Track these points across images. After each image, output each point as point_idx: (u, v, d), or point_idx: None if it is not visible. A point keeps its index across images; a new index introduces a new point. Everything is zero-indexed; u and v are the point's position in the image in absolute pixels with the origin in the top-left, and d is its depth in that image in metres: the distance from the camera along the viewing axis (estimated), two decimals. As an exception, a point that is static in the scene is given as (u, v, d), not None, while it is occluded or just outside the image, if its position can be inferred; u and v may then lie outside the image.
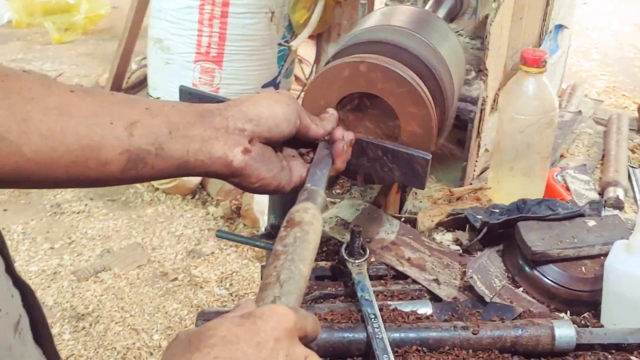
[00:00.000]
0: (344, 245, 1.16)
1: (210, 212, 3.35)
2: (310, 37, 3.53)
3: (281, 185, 0.97)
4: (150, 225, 3.29)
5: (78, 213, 3.35)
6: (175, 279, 2.97)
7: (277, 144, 0.97)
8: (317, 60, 3.75)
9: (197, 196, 3.47)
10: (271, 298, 0.76)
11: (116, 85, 4.04)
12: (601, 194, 1.48)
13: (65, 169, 0.80)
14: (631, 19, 6.06)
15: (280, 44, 3.46)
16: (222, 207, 3.31)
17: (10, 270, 0.63)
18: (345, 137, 1.01)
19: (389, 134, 1.07)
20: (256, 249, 3.15)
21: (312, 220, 0.87)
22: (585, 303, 1.17)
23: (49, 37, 5.20)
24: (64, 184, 0.84)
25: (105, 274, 2.96)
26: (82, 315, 2.75)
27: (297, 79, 4.08)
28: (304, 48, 3.81)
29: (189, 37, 3.36)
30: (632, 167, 1.59)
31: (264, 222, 3.16)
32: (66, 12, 5.25)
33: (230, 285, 2.95)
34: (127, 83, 4.18)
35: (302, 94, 3.68)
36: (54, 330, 2.68)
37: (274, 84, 3.58)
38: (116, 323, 2.73)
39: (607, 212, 1.41)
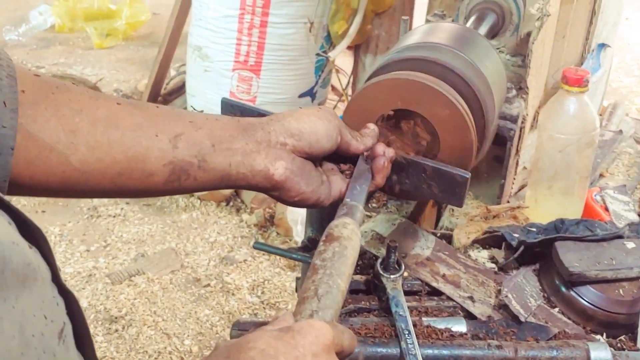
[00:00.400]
0: (380, 260, 1.16)
1: (244, 220, 3.37)
2: (348, 47, 3.54)
3: (320, 200, 0.98)
4: (185, 231, 3.32)
5: (114, 217, 3.40)
6: (208, 285, 2.99)
7: (317, 159, 0.98)
8: (355, 71, 3.76)
9: (231, 203, 3.50)
10: (309, 312, 0.77)
11: (155, 91, 4.09)
12: (641, 215, 1.47)
13: (111, 180, 0.83)
14: (674, 36, 5.97)
15: (318, 54, 3.47)
16: (255, 215, 3.33)
17: (56, 279, 0.65)
18: (386, 153, 1.01)
19: (428, 152, 1.07)
20: (288, 257, 3.16)
21: (350, 235, 0.88)
22: (622, 326, 1.16)
23: (91, 42, 5.29)
24: (109, 194, 0.86)
25: (139, 277, 3.00)
26: (116, 318, 2.79)
27: (334, 89, 4.09)
28: (342, 59, 3.82)
29: (228, 46, 3.39)
30: (673, 188, 1.57)
31: (297, 232, 3.17)
32: (108, 18, 5.34)
33: (262, 293, 2.96)
34: (166, 89, 4.23)
35: (339, 104, 3.70)
36: (88, 332, 2.72)
37: (310, 93, 3.59)
38: (148, 327, 2.76)
39: (646, 234, 1.39)
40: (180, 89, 4.15)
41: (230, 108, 1.11)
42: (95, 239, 3.26)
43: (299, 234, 3.15)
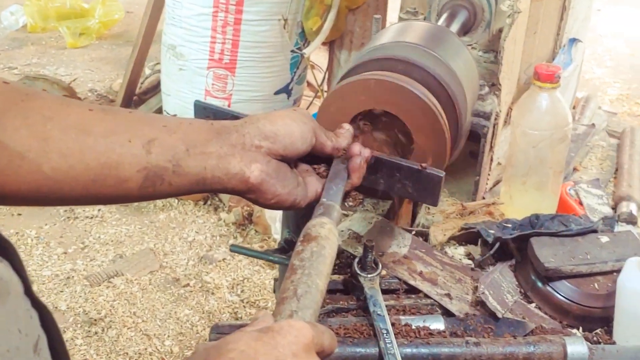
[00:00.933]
0: (357, 260, 1.16)
1: (222, 218, 3.36)
2: (323, 43, 3.54)
3: (297, 201, 0.98)
4: (163, 231, 3.30)
5: (91, 218, 3.37)
6: (187, 284, 2.98)
7: (292, 161, 0.98)
8: (330, 66, 3.76)
9: (209, 202, 3.48)
10: (288, 312, 0.77)
11: (130, 90, 4.06)
12: (614, 208, 1.48)
13: (84, 187, 0.82)
14: (645, 27, 6.04)
15: (292, 51, 3.46)
16: (234, 213, 3.32)
17: (29, 291, 0.64)
18: (362, 152, 1.01)
19: (402, 151, 1.07)
20: (267, 255, 3.15)
21: (328, 234, 0.88)
22: (597, 319, 1.17)
23: (64, 41, 5.23)
24: (82, 202, 0.85)
25: (118, 279, 2.98)
26: (95, 320, 2.77)
27: (309, 85, 4.09)
28: (317, 54, 3.81)
29: (202, 44, 3.37)
30: (645, 180, 1.59)
31: (275, 229, 3.16)
32: (81, 17, 5.29)
33: (242, 291, 2.96)
34: (141, 88, 4.20)
35: (315, 100, 3.69)
36: (67, 335, 2.70)
37: (286, 90, 3.58)
38: (128, 328, 2.74)
39: (620, 227, 1.40)
40: (155, 88, 4.12)
41: (204, 110, 1.10)
42: (73, 241, 3.23)
43: (278, 232, 3.14)
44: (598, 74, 5.17)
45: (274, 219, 3.13)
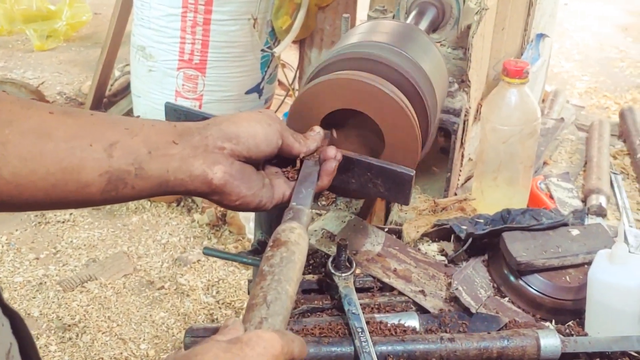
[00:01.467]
0: (331, 259, 1.16)
1: (196, 220, 3.34)
2: (293, 42, 3.53)
3: (262, 203, 0.97)
4: (136, 234, 3.28)
5: (63, 222, 3.34)
6: (162, 287, 2.96)
7: (257, 162, 0.97)
8: (301, 65, 3.75)
9: (182, 204, 3.47)
10: (258, 319, 0.77)
11: (99, 92, 4.03)
12: (584, 201, 1.50)
13: (45, 192, 0.81)
14: (611, 20, 6.11)
15: (263, 50, 3.45)
16: (207, 214, 3.30)
17: (0, 300, 0.63)
18: (337, 156, 1.01)
19: (373, 150, 1.07)
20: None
21: (298, 240, 0.87)
22: (569, 312, 1.18)
23: (31, 44, 5.16)
24: (44, 207, 0.84)
25: (91, 283, 2.95)
26: (69, 325, 2.74)
27: (280, 84, 4.08)
28: (287, 53, 3.81)
29: (172, 45, 3.35)
30: (614, 173, 1.61)
31: (249, 229, 3.16)
32: (47, 19, 5.22)
33: (217, 292, 2.95)
34: (110, 90, 4.16)
35: (287, 99, 3.69)
36: (40, 342, 2.67)
37: (257, 90, 3.58)
38: (103, 333, 2.72)
39: (590, 219, 1.42)
40: (125, 90, 4.09)
41: (174, 112, 1.09)
42: (45, 246, 3.19)
43: (252, 232, 3.12)
44: (567, 67, 5.22)
45: (248, 219, 3.13)
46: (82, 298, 2.87)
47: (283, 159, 1.01)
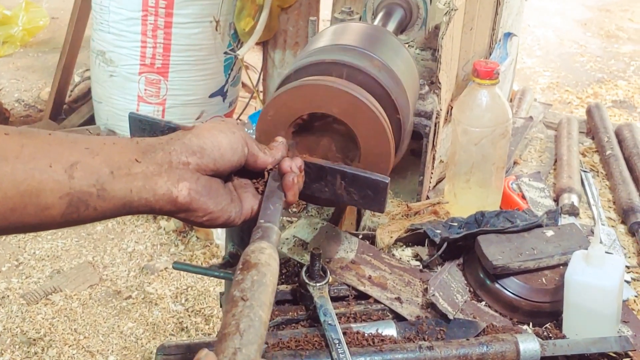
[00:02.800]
0: (304, 269, 1.14)
1: (162, 226, 3.29)
2: (257, 44, 3.50)
3: (231, 219, 0.95)
4: (101, 243, 3.22)
5: (24, 233, 3.26)
6: (129, 297, 2.91)
7: (225, 175, 0.94)
8: (264, 67, 3.72)
9: (140, 214, 3.40)
10: (232, 350, 0.73)
11: (59, 99, 3.95)
12: (556, 200, 1.49)
13: (3, 216, 0.77)
14: (571, 15, 6.19)
15: (226, 53, 3.42)
16: (173, 221, 3.25)
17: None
18: (293, 168, 0.98)
19: (347, 157, 1.05)
20: (212, 260, 3.11)
21: (268, 260, 0.84)
22: (547, 314, 1.18)
23: (-14, 51, 5.06)
24: (2, 231, 0.80)
25: (56, 295, 2.88)
26: (34, 340, 2.67)
27: (244, 86, 4.05)
28: (250, 55, 3.78)
29: (133, 49, 3.30)
30: (584, 171, 1.61)
31: (217, 235, 3.12)
32: (3, 25, 5.11)
33: (186, 300, 2.90)
34: (70, 96, 4.09)
35: (251, 101, 3.65)
36: (5, 358, 2.60)
37: (221, 93, 3.54)
38: (69, 346, 2.66)
39: (563, 219, 1.42)
40: (86, 96, 4.02)
41: (139, 123, 1.05)
42: (6, 259, 3.11)
43: (220, 237, 3.09)
44: (529, 63, 5.27)
45: (216, 225, 3.08)
46: (47, 311, 2.81)
47: (250, 172, 0.98)
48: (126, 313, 2.83)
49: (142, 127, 1.05)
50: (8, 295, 2.89)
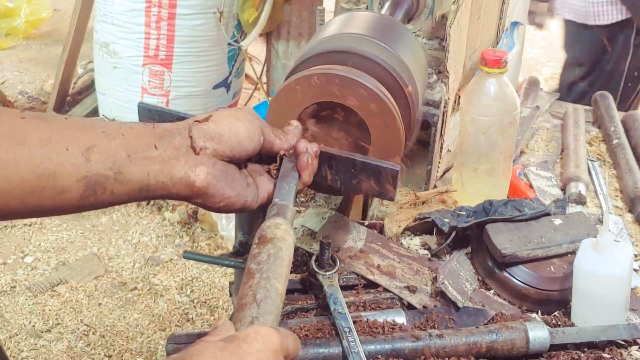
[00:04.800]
0: (314, 257, 1.14)
1: (167, 218, 3.30)
2: (260, 35, 3.50)
3: (247, 203, 0.95)
4: (106, 235, 3.23)
5: (30, 225, 3.27)
6: (135, 288, 2.92)
7: (240, 161, 0.95)
8: (268, 58, 3.72)
9: (152, 202, 3.41)
10: (249, 319, 0.74)
11: (62, 91, 3.95)
12: (563, 189, 1.49)
13: (21, 200, 0.77)
14: (574, 5, 6.15)
15: (229, 44, 3.42)
16: (178, 212, 3.26)
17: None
18: (309, 149, 0.99)
19: (357, 145, 1.05)
20: (217, 252, 3.12)
21: (284, 235, 0.85)
22: (555, 302, 1.18)
23: (-11, 43, 5.06)
24: (19, 215, 0.81)
25: (62, 287, 2.90)
26: (42, 331, 2.68)
27: (248, 77, 4.04)
28: (254, 46, 3.78)
29: (136, 41, 3.30)
30: (591, 160, 1.61)
31: (222, 226, 3.12)
32: (6, 17, 5.11)
33: (192, 291, 2.91)
34: (74, 88, 4.09)
35: (255, 93, 3.65)
36: (12, 347, 2.61)
37: (225, 84, 3.54)
38: (76, 337, 2.67)
39: (570, 208, 1.42)
40: (89, 88, 4.02)
41: (148, 112, 1.06)
42: (12, 251, 3.12)
43: (225, 229, 3.10)
44: (532, 54, 5.26)
45: (220, 216, 3.09)
46: (53, 302, 2.82)
47: (265, 157, 0.99)
48: (132, 304, 2.84)
49: (152, 116, 1.06)
50: (15, 288, 2.90)
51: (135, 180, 0.84)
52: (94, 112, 3.77)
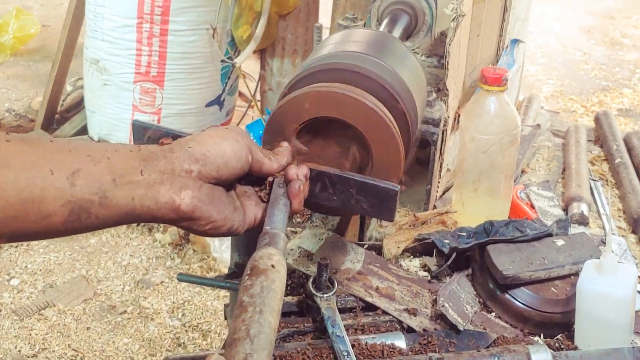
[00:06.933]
0: (311, 279, 1.14)
1: (158, 239, 3.30)
2: (254, 52, 3.52)
3: (234, 227, 0.96)
4: (95, 256, 3.22)
5: (16, 247, 3.25)
6: (124, 311, 2.91)
7: (228, 183, 0.96)
8: (262, 75, 3.74)
9: (142, 223, 3.41)
10: (243, 355, 0.75)
11: (51, 108, 3.96)
12: (565, 209, 1.51)
13: (4, 224, 0.78)
14: (573, 23, 6.22)
15: (223, 61, 3.43)
16: (169, 233, 3.26)
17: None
18: (299, 175, 0.99)
19: (355, 165, 1.06)
20: (209, 274, 3.11)
21: (276, 266, 0.85)
22: (558, 325, 1.18)
23: (-24, 60, 5.07)
24: (3, 239, 0.81)
25: (49, 310, 2.88)
26: (28, 357, 2.67)
27: (241, 95, 4.06)
28: (248, 63, 3.79)
29: (128, 57, 3.31)
30: (593, 179, 1.62)
31: (214, 247, 3.12)
32: (-7, 33, 5.13)
33: (183, 315, 2.90)
34: (63, 106, 4.10)
35: (249, 111, 3.66)
36: (-3, 375, 2.60)
37: (218, 102, 3.55)
38: (64, 362, 2.66)
39: (572, 228, 1.43)
40: (78, 105, 4.03)
41: (143, 131, 1.07)
42: (-3, 273, 3.12)
43: (217, 250, 3.10)
44: (532, 71, 5.30)
45: (213, 238, 3.09)
46: (40, 326, 2.80)
47: (254, 179, 0.99)
48: (121, 328, 2.83)
49: (147, 134, 1.06)
50: (0, 311, 2.89)
51: (120, 205, 0.85)
52: (83, 131, 3.77)
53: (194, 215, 0.91)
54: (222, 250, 3.07)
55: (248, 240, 1.19)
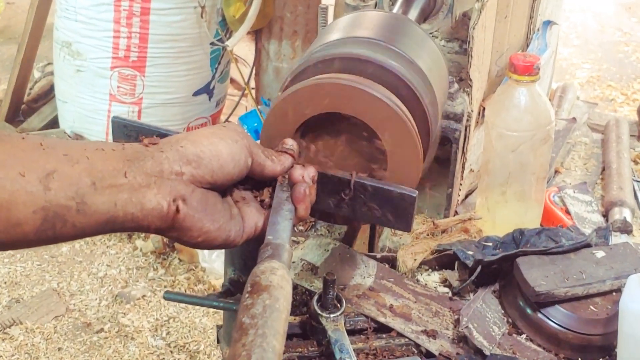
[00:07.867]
0: (316, 297, 1.15)
1: (139, 247, 3.31)
2: (248, 33, 3.52)
3: (230, 238, 0.95)
4: (67, 267, 3.23)
5: (-13, 254, 3.27)
6: (101, 330, 2.92)
7: (223, 188, 0.95)
8: (257, 60, 3.74)
9: (126, 232, 3.41)
10: None
11: (16, 98, 3.96)
12: (605, 215, 1.51)
13: None
14: (614, -2, 6.22)
15: (212, 44, 3.43)
16: (152, 240, 3.26)
17: None
18: (305, 176, 0.99)
19: (366, 166, 1.06)
20: (197, 287, 3.12)
21: (281, 282, 0.85)
22: (598, 348, 1.19)
23: None
24: None
25: (16, 328, 2.89)
26: (-10, 381, 2.69)
27: (233, 82, 4.06)
28: (241, 46, 3.79)
29: (104, 40, 3.31)
30: (637, 181, 1.62)
31: (203, 257, 3.13)
32: (-50, 12, 5.14)
33: (168, 334, 2.91)
34: (30, 95, 4.10)
35: (242, 100, 3.65)
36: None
37: (207, 90, 3.55)
38: (32, 388, 2.67)
39: (614, 237, 1.43)
40: (47, 94, 4.03)
41: (124, 129, 1.07)
42: (-44, 286, 3.13)
43: (206, 259, 3.10)
44: (565, 54, 5.29)
45: (202, 245, 3.09)
46: (5, 347, 2.82)
47: (253, 182, 0.99)
48: (97, 349, 2.84)
49: (128, 133, 1.07)
50: (-41, 329, 2.91)
51: (100, 212, 0.85)
52: (53, 123, 3.78)
53: (184, 224, 0.90)
54: (211, 260, 3.07)
55: (244, 253, 1.19)
